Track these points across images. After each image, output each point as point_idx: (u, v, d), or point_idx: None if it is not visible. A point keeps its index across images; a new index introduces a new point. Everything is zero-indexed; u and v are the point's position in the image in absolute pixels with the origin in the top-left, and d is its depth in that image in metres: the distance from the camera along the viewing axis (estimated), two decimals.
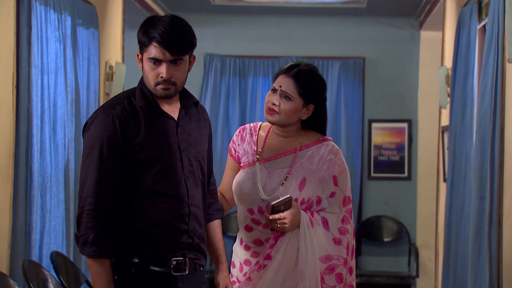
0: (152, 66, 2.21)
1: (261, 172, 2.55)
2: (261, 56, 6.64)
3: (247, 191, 2.54)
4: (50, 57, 3.75)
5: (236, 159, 2.65)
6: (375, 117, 6.64)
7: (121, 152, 2.19)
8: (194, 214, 2.29)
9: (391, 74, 6.61)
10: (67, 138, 3.93)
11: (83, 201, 2.18)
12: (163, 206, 2.23)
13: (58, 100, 3.82)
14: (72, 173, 4.00)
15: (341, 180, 2.52)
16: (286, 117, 2.50)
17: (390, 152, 6.61)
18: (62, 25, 3.89)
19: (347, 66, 6.59)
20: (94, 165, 2.18)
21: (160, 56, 2.19)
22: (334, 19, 6.62)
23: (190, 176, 2.30)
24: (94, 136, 2.20)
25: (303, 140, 2.58)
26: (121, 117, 2.21)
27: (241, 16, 6.65)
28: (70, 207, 3.93)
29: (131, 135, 2.21)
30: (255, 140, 2.62)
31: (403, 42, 6.56)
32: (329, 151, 2.55)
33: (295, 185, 2.50)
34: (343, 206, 2.52)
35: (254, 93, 6.67)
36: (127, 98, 2.26)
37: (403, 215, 6.58)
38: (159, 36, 2.18)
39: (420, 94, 6.57)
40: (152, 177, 2.22)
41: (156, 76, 2.22)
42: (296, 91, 2.49)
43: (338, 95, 6.57)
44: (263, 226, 2.53)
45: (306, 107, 2.53)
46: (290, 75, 2.51)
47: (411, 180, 6.60)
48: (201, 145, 2.36)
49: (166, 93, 2.24)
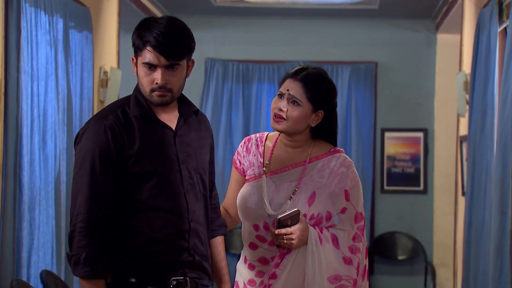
0: (147, 71, 2.21)
1: (267, 185, 2.54)
2: (266, 61, 6.65)
3: (252, 206, 2.53)
4: (41, 62, 3.76)
5: (241, 172, 2.64)
6: (388, 126, 6.63)
7: (114, 165, 2.19)
8: (194, 230, 2.29)
9: (405, 80, 6.61)
10: (58, 148, 3.93)
11: (74, 218, 2.18)
12: (161, 222, 2.22)
13: (48, 108, 3.82)
14: (64, 187, 4.00)
15: (353, 195, 2.52)
16: (294, 124, 2.50)
17: (405, 163, 6.60)
18: (53, 28, 3.91)
19: (358, 71, 6.59)
20: (86, 179, 2.18)
21: (154, 61, 2.19)
22: (344, 21, 6.63)
23: (190, 190, 2.29)
24: (85, 149, 2.20)
25: (313, 151, 2.57)
26: (114, 127, 2.21)
27: (245, 18, 6.66)
28: (61, 223, 3.93)
29: (124, 146, 2.20)
30: (262, 151, 2.62)
31: (418, 46, 6.56)
32: (340, 163, 2.54)
33: (304, 200, 2.50)
34: (354, 223, 2.51)
35: (259, 100, 6.67)
36: (121, 107, 2.26)
37: (418, 231, 6.56)
38: (153, 40, 2.18)
39: (436, 102, 6.56)
40: (148, 192, 2.22)
41: (151, 82, 2.22)
42: (304, 95, 2.49)
43: (349, 102, 6.57)
44: (268, 244, 2.53)
45: (315, 113, 2.52)
46: (298, 79, 2.51)
47: (427, 193, 6.58)
48: (201, 156, 2.36)
49: (161, 100, 2.23)
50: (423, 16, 6.46)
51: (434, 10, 6.23)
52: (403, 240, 6.52)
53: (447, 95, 6.34)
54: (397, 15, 6.47)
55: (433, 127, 6.58)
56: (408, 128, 6.61)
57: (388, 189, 6.61)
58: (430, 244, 6.54)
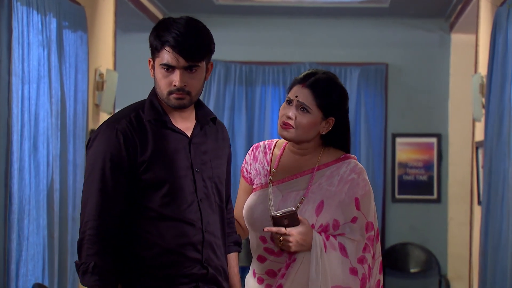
0: (165, 73, 2.23)
1: (274, 195, 2.54)
2: (270, 62, 6.66)
3: (258, 216, 2.53)
4: (33, 64, 3.76)
5: (249, 181, 2.65)
6: (399, 131, 6.63)
7: (125, 171, 2.21)
8: (208, 242, 2.30)
9: (417, 83, 6.60)
10: (51, 155, 3.93)
11: (84, 225, 2.20)
12: (173, 232, 2.24)
13: (40, 112, 3.82)
14: (57, 195, 4.00)
15: (364, 204, 2.51)
16: (303, 132, 2.50)
17: (417, 170, 6.59)
18: (46, 28, 3.91)
19: (368, 73, 6.59)
20: (96, 185, 2.20)
21: (173, 62, 2.21)
22: (352, 21, 6.63)
23: (205, 199, 2.31)
24: (96, 154, 2.22)
25: (322, 158, 2.57)
26: (126, 132, 2.23)
27: (248, 17, 6.67)
28: (54, 233, 3.93)
29: (136, 152, 2.22)
30: (269, 159, 2.62)
31: (431, 47, 6.56)
32: (351, 170, 2.53)
33: (312, 210, 2.49)
34: (365, 232, 2.51)
35: (263, 104, 6.67)
36: (135, 111, 2.29)
37: (432, 242, 6.55)
38: (172, 40, 2.20)
39: (450, 105, 6.55)
40: (160, 200, 2.23)
41: (168, 84, 2.24)
42: (314, 102, 2.49)
43: (358, 106, 6.57)
44: (276, 255, 2.53)
45: (325, 120, 2.52)
46: (306, 85, 2.51)
47: (441, 202, 6.57)
48: (217, 166, 2.37)
49: (179, 103, 2.25)
50: (436, 15, 6.46)
51: (448, 8, 6.23)
52: (416, 251, 6.51)
53: (462, 98, 6.33)
54: (408, 14, 6.47)
55: (447, 132, 6.57)
56: (421, 133, 6.60)
57: (400, 197, 6.60)
58: (444, 256, 6.53)
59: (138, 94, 2.70)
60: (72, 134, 4.27)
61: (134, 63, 6.17)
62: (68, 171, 4.18)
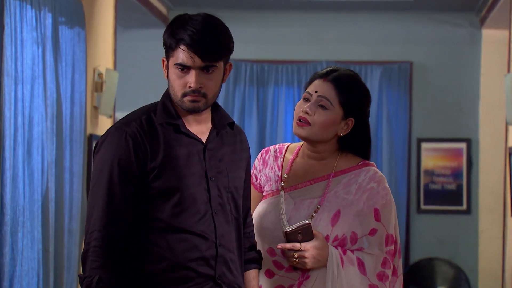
0: (179, 73, 2.24)
1: (286, 202, 2.53)
2: (284, 61, 6.65)
3: (269, 226, 2.53)
4: (26, 63, 3.78)
5: (258, 188, 2.65)
6: (425, 136, 6.61)
7: (134, 178, 2.22)
8: (222, 257, 2.29)
9: (445, 82, 6.59)
10: (46, 162, 3.94)
11: (89, 236, 2.20)
12: (184, 245, 2.24)
13: (35, 116, 3.83)
14: (53, 205, 4.01)
15: (385, 215, 2.50)
16: (320, 130, 2.49)
17: (445, 179, 6.57)
18: (41, 24, 3.93)
19: (391, 73, 6.58)
20: (102, 192, 2.20)
21: (188, 62, 2.21)
22: (374, 15, 6.62)
23: (220, 211, 2.30)
24: (103, 159, 2.23)
25: (338, 163, 2.56)
26: (136, 136, 2.23)
27: (259, 12, 6.67)
28: (49, 247, 3.93)
29: (146, 157, 2.23)
30: (280, 164, 2.61)
31: (460, 43, 6.55)
32: (370, 178, 2.52)
33: (327, 220, 2.48)
34: (385, 246, 2.49)
35: (275, 105, 6.68)
36: (147, 113, 2.29)
37: (461, 257, 6.52)
38: (188, 38, 2.20)
39: (481, 108, 6.53)
40: (170, 210, 2.23)
41: (183, 86, 2.24)
42: (336, 98, 2.49)
43: (379, 108, 6.56)
44: (286, 270, 2.51)
45: (345, 120, 2.51)
46: (328, 79, 2.50)
47: (471, 214, 6.54)
48: (234, 174, 2.36)
49: (194, 106, 2.25)
50: (465, 9, 6.44)
51: (479, 2, 6.21)
52: (443, 267, 6.48)
53: (494, 100, 6.31)
54: (435, 8, 6.45)
55: (477, 136, 6.55)
56: (449, 138, 6.58)
57: (426, 208, 6.58)
58: (475, 273, 6.50)
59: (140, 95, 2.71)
60: (68, 139, 4.28)
61: (136, 62, 6.19)
62: (64, 180, 4.18)
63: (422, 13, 6.54)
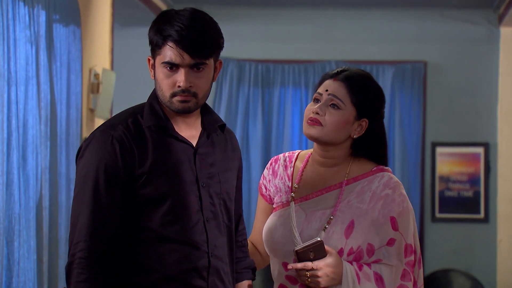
0: (167, 72, 2.23)
1: (297, 214, 2.52)
2: (290, 61, 6.65)
3: (279, 240, 2.52)
4: (19, 63, 3.78)
5: (268, 200, 2.64)
6: (440, 140, 6.61)
7: (122, 185, 2.21)
8: (215, 268, 2.29)
9: (461, 83, 6.58)
10: (40, 167, 3.94)
11: (73, 247, 2.19)
12: (174, 256, 2.24)
13: (29, 119, 3.83)
14: (46, 213, 4.01)
15: (402, 223, 2.49)
16: (332, 130, 2.48)
17: (461, 185, 6.56)
18: (34, 21, 3.93)
19: (404, 73, 6.58)
20: (88, 201, 2.19)
21: (177, 60, 2.21)
22: (386, 12, 6.62)
23: (212, 219, 2.30)
24: (88, 164, 2.22)
25: (351, 170, 2.55)
26: (123, 140, 2.22)
27: (264, 9, 6.67)
28: (43, 257, 3.93)
29: (134, 163, 2.22)
30: (290, 174, 2.60)
31: (477, 42, 6.54)
32: (384, 184, 2.51)
33: (341, 231, 2.47)
34: (404, 257, 2.48)
35: (282, 108, 6.67)
36: (133, 116, 2.28)
37: (478, 268, 6.51)
38: (176, 34, 2.20)
39: (500, 110, 6.53)
40: (160, 218, 2.23)
41: (172, 85, 2.23)
42: (348, 97, 2.49)
43: (392, 111, 6.56)
44: (300, 286, 2.51)
45: (358, 121, 2.51)
46: (339, 78, 2.51)
47: (488, 222, 6.53)
48: (226, 180, 2.37)
49: (184, 106, 2.25)
50: (483, 6, 6.44)
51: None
52: (460, 279, 6.47)
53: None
54: (450, 5, 6.45)
55: (495, 141, 6.55)
56: (465, 143, 6.57)
57: (441, 217, 6.57)
58: (493, 285, 6.49)
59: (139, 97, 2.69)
60: (64, 143, 4.28)
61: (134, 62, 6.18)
62: (59, 186, 4.18)
63: (437, 10, 6.54)
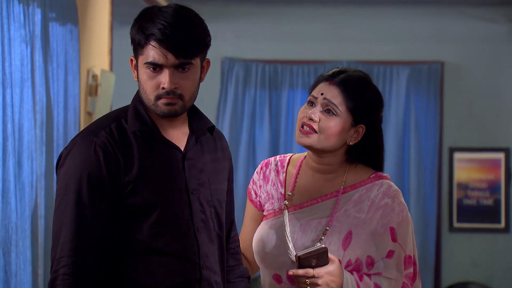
0: (150, 73, 2.22)
1: (291, 223, 2.52)
2: (299, 61, 6.66)
3: (272, 251, 2.52)
4: (14, 65, 3.79)
5: (258, 206, 2.64)
6: (458, 145, 6.61)
7: (106, 195, 2.20)
8: (207, 280, 2.28)
9: (480, 85, 6.58)
10: (35, 174, 3.95)
11: (56, 262, 2.18)
12: (164, 270, 2.23)
13: (24, 123, 3.85)
14: (42, 223, 4.02)
15: (401, 234, 2.49)
16: (327, 138, 2.48)
17: (481, 193, 6.55)
18: (29, 20, 3.94)
19: (419, 74, 6.58)
20: (70, 213, 2.18)
21: (160, 60, 2.20)
22: (400, 10, 6.63)
23: (202, 228, 2.30)
24: (69, 173, 2.20)
25: (347, 177, 2.55)
26: (107, 146, 2.21)
27: (272, 6, 6.68)
28: (38, 269, 3.94)
29: (119, 171, 2.21)
30: (283, 179, 2.60)
31: (497, 41, 6.54)
32: (383, 193, 2.52)
33: (338, 242, 2.48)
34: (404, 269, 2.49)
35: (290, 111, 6.68)
36: (116, 120, 2.27)
37: (499, 281, 6.51)
38: (158, 33, 2.19)
39: None
40: (148, 229, 2.22)
41: (156, 87, 2.22)
42: (344, 103, 2.48)
43: (407, 114, 6.55)
44: None
45: (355, 128, 2.51)
46: (334, 83, 2.50)
47: (509, 232, 6.54)
48: (217, 185, 2.36)
49: (170, 109, 2.23)
50: (503, 3, 6.44)
51: None
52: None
53: None
54: (469, 1, 6.45)
55: None
56: (485, 148, 6.57)
57: (459, 226, 6.57)
58: None
59: None
60: (61, 149, 4.24)
61: None
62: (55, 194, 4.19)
63: (455, 7, 6.54)
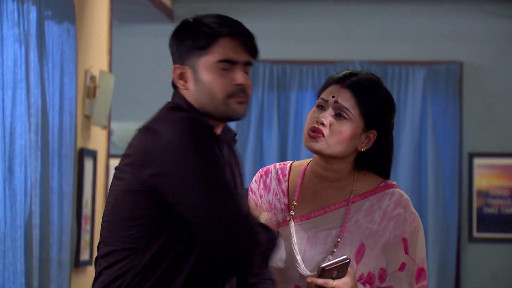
0: (221, 72, 2.23)
1: (297, 235, 2.53)
2: (309, 61, 6.67)
3: (279, 265, 2.52)
4: (7, 65, 3.80)
5: None
6: (478, 150, 6.60)
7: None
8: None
9: (501, 87, 6.57)
10: (30, 181, 3.95)
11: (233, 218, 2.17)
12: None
13: (17, 126, 3.85)
14: (37, 232, 4.01)
15: (413, 245, 2.50)
16: (338, 143, 2.48)
17: (502, 201, 6.54)
18: (24, 18, 3.95)
19: (437, 75, 6.57)
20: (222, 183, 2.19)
21: (234, 56, 2.22)
22: (416, 7, 6.62)
23: None
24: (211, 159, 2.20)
25: (357, 185, 2.55)
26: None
27: (281, 4, 6.69)
28: (32, 282, 3.94)
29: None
30: (285, 188, 2.60)
31: None
32: (395, 203, 2.52)
33: (350, 255, 2.47)
34: (416, 283, 2.49)
35: (299, 113, 6.68)
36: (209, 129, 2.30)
37: None
38: (231, 30, 2.22)
39: None
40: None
41: (227, 84, 2.23)
42: (356, 107, 2.49)
43: (423, 117, 6.55)
44: None
45: (366, 133, 2.51)
46: (346, 85, 2.50)
47: None
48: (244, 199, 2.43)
49: (243, 108, 2.26)
50: None
51: None
52: None
53: None
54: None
55: None
56: (506, 153, 6.56)
57: (479, 236, 6.56)
58: None
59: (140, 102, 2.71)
60: (56, 154, 4.29)
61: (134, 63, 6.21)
62: (51, 202, 4.19)
63: (474, 4, 6.53)
